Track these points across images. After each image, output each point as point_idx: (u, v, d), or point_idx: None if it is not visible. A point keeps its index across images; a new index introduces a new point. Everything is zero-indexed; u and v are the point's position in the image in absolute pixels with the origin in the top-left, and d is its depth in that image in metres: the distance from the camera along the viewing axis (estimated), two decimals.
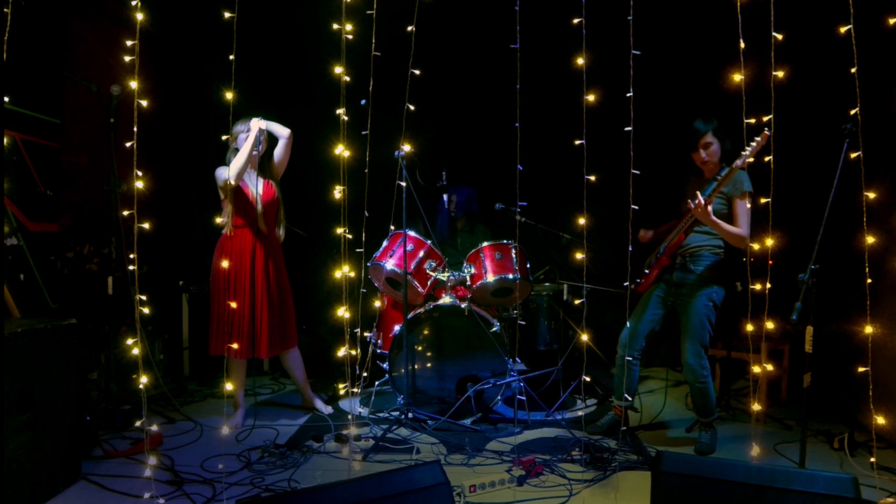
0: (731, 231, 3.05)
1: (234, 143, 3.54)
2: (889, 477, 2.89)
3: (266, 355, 3.59)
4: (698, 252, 3.21)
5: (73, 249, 4.08)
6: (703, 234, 3.22)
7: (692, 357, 3.19)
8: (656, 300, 3.36)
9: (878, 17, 2.84)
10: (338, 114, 2.99)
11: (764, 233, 2.73)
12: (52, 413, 2.65)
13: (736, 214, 3.11)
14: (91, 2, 4.23)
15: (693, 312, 3.18)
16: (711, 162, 3.21)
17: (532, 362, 4.46)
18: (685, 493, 1.96)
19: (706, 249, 3.21)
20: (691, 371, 3.21)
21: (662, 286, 3.35)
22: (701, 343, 3.18)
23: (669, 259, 3.27)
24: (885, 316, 3.24)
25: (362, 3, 2.93)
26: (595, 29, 2.73)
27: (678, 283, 3.25)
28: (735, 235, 3.05)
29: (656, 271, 3.34)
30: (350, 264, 3.17)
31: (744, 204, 3.09)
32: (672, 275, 3.28)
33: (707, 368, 3.20)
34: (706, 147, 3.20)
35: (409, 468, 1.93)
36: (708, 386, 3.22)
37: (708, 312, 3.17)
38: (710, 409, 3.27)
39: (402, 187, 3.44)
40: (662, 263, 3.30)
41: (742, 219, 3.08)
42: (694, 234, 3.22)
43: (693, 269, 3.21)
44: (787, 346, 4.00)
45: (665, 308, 3.35)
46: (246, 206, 3.53)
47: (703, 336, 3.17)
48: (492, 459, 3.10)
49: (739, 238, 3.05)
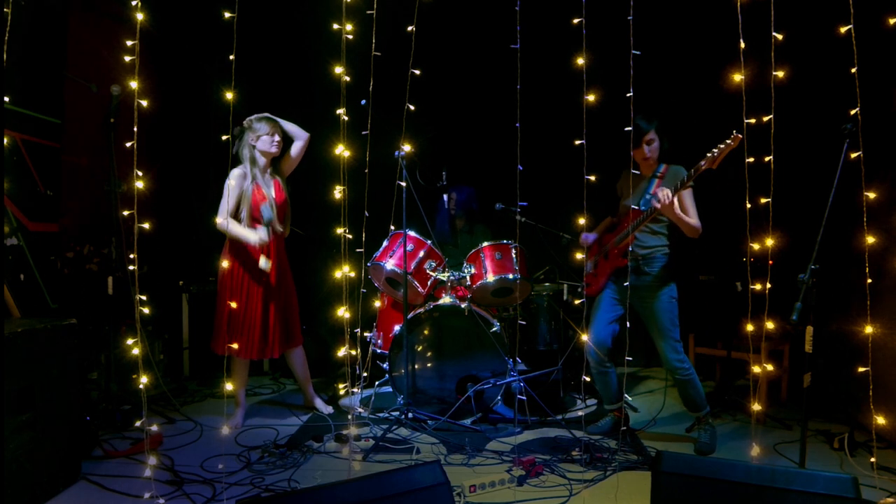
0: (690, 223, 3.14)
1: (256, 140, 3.51)
2: (889, 477, 2.89)
3: (277, 354, 3.60)
4: (651, 255, 3.27)
5: (73, 249, 4.08)
6: (651, 233, 3.28)
7: (669, 353, 3.24)
8: (611, 301, 3.39)
9: (878, 17, 2.84)
10: (338, 114, 2.99)
11: (764, 233, 2.73)
12: (52, 413, 2.65)
13: (685, 206, 3.18)
14: (91, 2, 4.23)
15: (659, 313, 3.23)
16: (652, 158, 3.30)
17: (532, 362, 4.45)
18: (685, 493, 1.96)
19: (658, 251, 3.28)
20: (672, 367, 3.26)
21: (614, 287, 3.39)
22: (673, 338, 3.24)
23: (625, 259, 3.29)
24: (885, 316, 3.24)
25: (362, 3, 2.93)
26: (595, 29, 2.73)
27: (635, 285, 3.25)
28: (693, 227, 3.15)
29: (608, 271, 3.39)
30: (350, 264, 3.17)
31: (688, 195, 3.20)
32: (626, 277, 3.29)
33: (686, 360, 3.26)
34: (649, 143, 3.28)
35: (409, 468, 1.93)
36: (692, 378, 3.25)
37: (672, 308, 3.24)
38: (700, 402, 3.28)
39: (402, 187, 3.44)
40: (616, 264, 3.33)
41: (691, 209, 3.19)
42: (641, 233, 3.27)
43: (649, 272, 3.26)
44: (787, 346, 4.00)
45: (622, 307, 3.36)
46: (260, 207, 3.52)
47: (674, 332, 3.24)
48: (492, 459, 3.10)
49: (696, 229, 3.15)
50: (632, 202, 3.28)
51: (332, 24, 2.94)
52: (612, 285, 3.40)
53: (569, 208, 3.48)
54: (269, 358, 3.64)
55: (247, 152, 3.53)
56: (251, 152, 3.52)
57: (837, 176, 2.52)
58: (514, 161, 2.99)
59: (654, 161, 3.31)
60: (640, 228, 3.25)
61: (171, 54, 4.85)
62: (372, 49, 2.90)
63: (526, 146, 2.96)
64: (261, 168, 3.55)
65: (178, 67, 4.93)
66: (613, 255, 3.34)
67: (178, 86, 4.93)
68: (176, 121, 4.93)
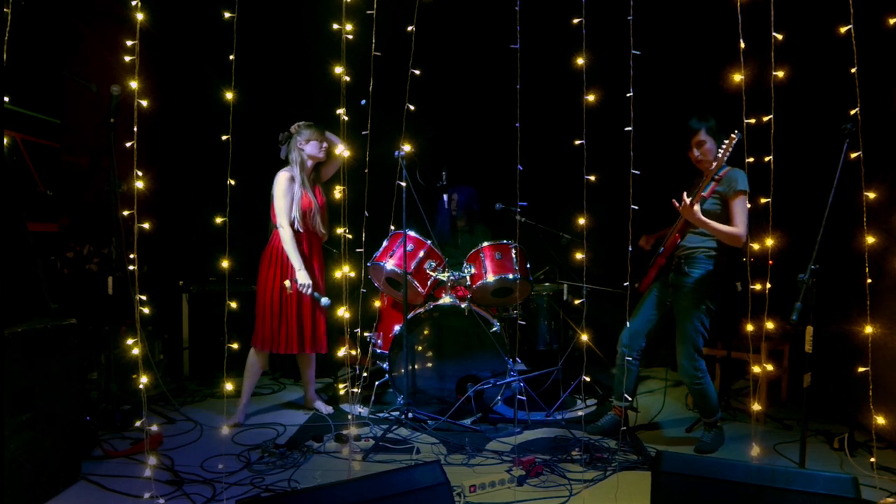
0: (722, 230, 3.04)
1: (306, 143, 3.59)
2: (889, 477, 2.89)
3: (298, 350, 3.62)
4: (693, 254, 3.21)
5: (73, 249, 4.08)
6: (698, 235, 3.22)
7: (686, 359, 3.21)
8: (654, 300, 3.37)
9: (878, 17, 2.84)
10: (338, 114, 2.99)
11: (764, 233, 2.73)
12: (52, 413, 2.65)
13: (732, 213, 3.10)
14: (91, 2, 4.23)
15: (687, 317, 3.19)
16: (706, 160, 3.19)
17: (532, 362, 4.46)
18: (685, 493, 1.96)
19: (700, 252, 3.21)
20: (685, 373, 3.23)
21: (659, 286, 3.37)
22: (694, 347, 3.19)
23: (666, 259, 3.28)
24: (885, 316, 3.24)
25: (362, 3, 2.93)
26: (595, 29, 2.73)
27: (674, 284, 3.26)
28: (727, 234, 3.04)
29: (654, 271, 3.35)
30: (350, 264, 3.17)
31: (739, 202, 3.07)
32: (668, 276, 3.29)
33: (702, 370, 3.22)
34: (699, 146, 3.19)
35: (409, 468, 1.93)
36: (705, 387, 3.23)
37: (701, 316, 3.18)
38: (711, 409, 3.27)
39: (402, 187, 3.45)
40: (659, 264, 3.31)
41: (738, 217, 3.06)
42: (689, 235, 3.23)
43: (688, 272, 3.21)
44: (787, 346, 4.00)
45: (663, 308, 3.36)
46: (306, 211, 3.59)
47: (697, 340, 3.19)
48: (492, 459, 3.10)
49: (732, 237, 3.04)
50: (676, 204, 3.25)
51: (332, 24, 2.94)
52: (657, 284, 3.38)
53: (569, 208, 3.48)
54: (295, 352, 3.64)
55: (296, 155, 3.60)
56: (300, 155, 3.61)
57: (837, 176, 2.52)
58: (514, 161, 2.99)
59: (709, 163, 3.15)
60: (690, 229, 3.19)
61: (171, 54, 4.85)
62: (372, 49, 2.90)
63: (526, 146, 2.96)
64: (307, 172, 3.63)
65: (178, 67, 4.93)
66: (660, 256, 3.32)
67: (178, 86, 4.93)
68: (176, 121, 4.92)
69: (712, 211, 3.11)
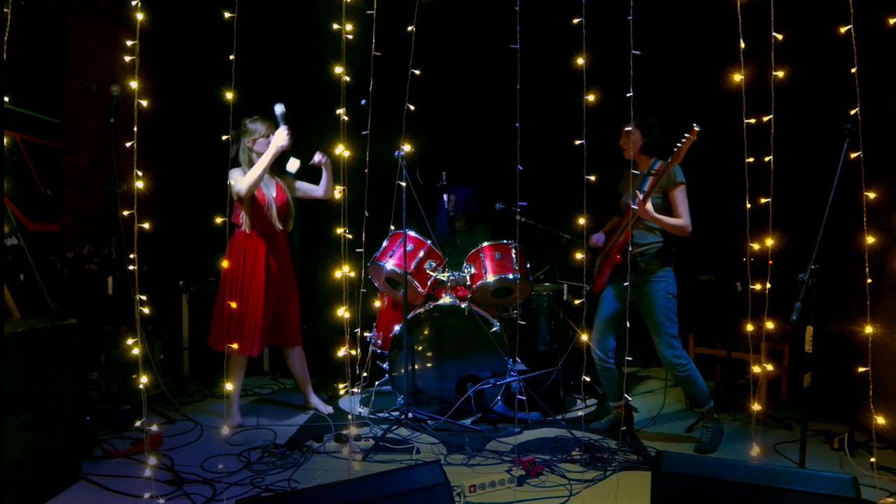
0: (672, 223, 3.15)
1: (253, 144, 3.55)
2: (889, 477, 2.89)
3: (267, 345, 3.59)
4: (647, 251, 3.28)
5: (73, 249, 4.08)
6: (646, 230, 3.29)
7: (665, 348, 3.25)
8: (612, 298, 3.41)
9: (878, 17, 2.83)
10: (338, 114, 2.99)
11: (764, 233, 2.73)
12: (52, 413, 2.65)
13: (674, 204, 3.20)
14: (91, 2, 4.23)
15: (655, 309, 3.24)
16: (631, 151, 3.31)
17: (532, 362, 4.45)
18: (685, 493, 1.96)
19: (654, 247, 3.29)
20: (668, 363, 3.27)
21: (614, 285, 3.40)
22: (669, 335, 3.24)
23: (621, 256, 3.31)
24: (885, 316, 3.24)
25: (362, 3, 2.93)
26: (595, 29, 2.73)
27: (633, 283, 3.25)
28: (676, 226, 3.16)
29: (608, 270, 3.40)
30: (350, 264, 3.17)
31: (679, 193, 3.20)
32: (625, 274, 3.29)
33: (684, 357, 3.26)
34: (627, 135, 3.29)
35: (409, 468, 1.93)
36: (691, 373, 3.26)
37: (668, 304, 3.24)
38: (703, 397, 3.29)
39: (402, 187, 3.45)
40: (614, 262, 3.35)
41: (681, 208, 3.18)
42: (638, 230, 3.28)
43: (646, 268, 3.27)
44: (787, 346, 4.00)
45: (623, 305, 3.35)
46: (261, 207, 3.56)
47: (670, 328, 3.24)
48: (492, 459, 3.10)
49: (680, 228, 3.16)
50: (627, 200, 3.30)
51: (332, 24, 2.94)
52: (612, 283, 3.42)
53: (569, 208, 3.48)
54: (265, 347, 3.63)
55: (244, 156, 3.57)
56: (248, 155, 3.56)
57: (837, 176, 2.52)
58: (514, 161, 2.99)
59: (636, 154, 3.32)
60: (637, 226, 3.26)
61: (171, 54, 4.85)
62: (372, 49, 2.90)
63: (526, 146, 2.96)
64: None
65: (178, 67, 4.93)
66: (611, 254, 3.35)
67: (178, 86, 4.93)
68: (176, 121, 4.92)
69: (656, 204, 3.20)
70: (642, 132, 3.28)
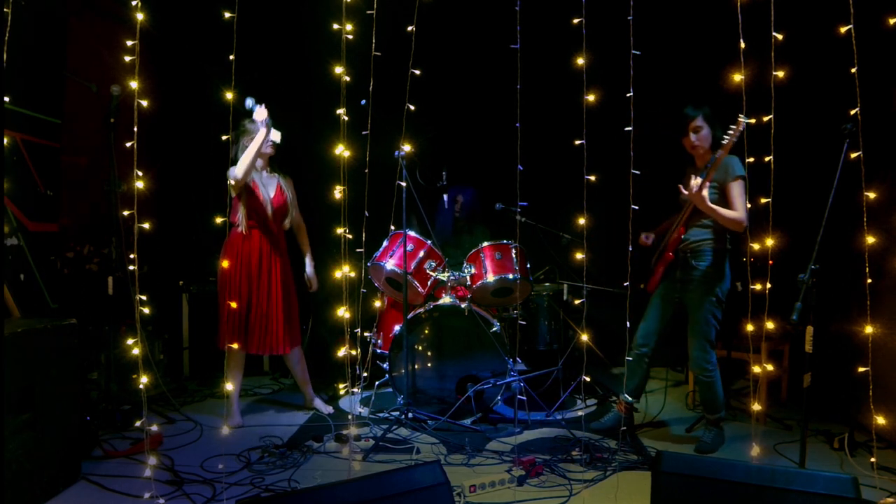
0: (727, 215, 3.06)
1: (250, 142, 3.55)
2: (889, 477, 2.89)
3: (269, 352, 3.62)
4: (699, 248, 3.21)
5: (73, 249, 4.08)
6: (702, 227, 3.22)
7: (697, 351, 3.21)
8: (663, 298, 3.36)
9: (878, 17, 2.83)
10: (338, 114, 2.99)
11: (764, 233, 2.73)
12: (52, 413, 2.65)
13: (730, 198, 3.11)
14: (91, 2, 4.23)
15: (698, 309, 3.19)
16: (701, 147, 3.22)
17: (532, 362, 4.45)
18: (685, 493, 1.96)
19: (706, 244, 3.21)
20: (696, 365, 3.23)
21: (666, 284, 3.35)
22: (706, 338, 3.20)
23: (673, 254, 3.27)
24: (885, 316, 3.24)
25: (362, 3, 2.93)
26: (595, 29, 2.73)
27: (682, 279, 3.24)
28: (731, 220, 3.06)
29: (661, 268, 3.33)
30: (350, 264, 3.17)
31: (737, 186, 3.10)
32: (676, 271, 3.28)
33: (713, 364, 3.22)
34: (696, 131, 3.22)
35: (409, 468, 1.93)
36: (714, 381, 3.23)
37: (713, 308, 3.18)
38: (717, 406, 3.28)
39: (402, 187, 3.44)
40: (666, 259, 3.28)
41: (737, 201, 3.09)
42: (693, 228, 3.23)
43: (696, 265, 3.20)
44: (787, 346, 4.00)
45: (672, 306, 3.34)
46: (257, 206, 3.56)
47: (709, 332, 3.19)
48: (492, 459, 3.10)
49: (736, 222, 3.06)
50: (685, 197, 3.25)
51: (332, 24, 2.94)
52: (665, 282, 3.35)
53: (569, 208, 3.48)
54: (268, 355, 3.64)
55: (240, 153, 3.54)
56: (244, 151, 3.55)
57: (837, 176, 2.51)
58: (514, 161, 2.99)
59: (704, 150, 3.22)
60: (691, 223, 3.20)
61: (171, 54, 4.85)
62: (372, 49, 2.90)
63: (526, 146, 2.96)
64: (258, 169, 3.59)
65: (178, 67, 4.93)
66: (665, 251, 3.30)
67: (178, 86, 4.92)
68: (176, 121, 4.92)
69: (712, 199, 3.12)
70: (710, 124, 3.20)
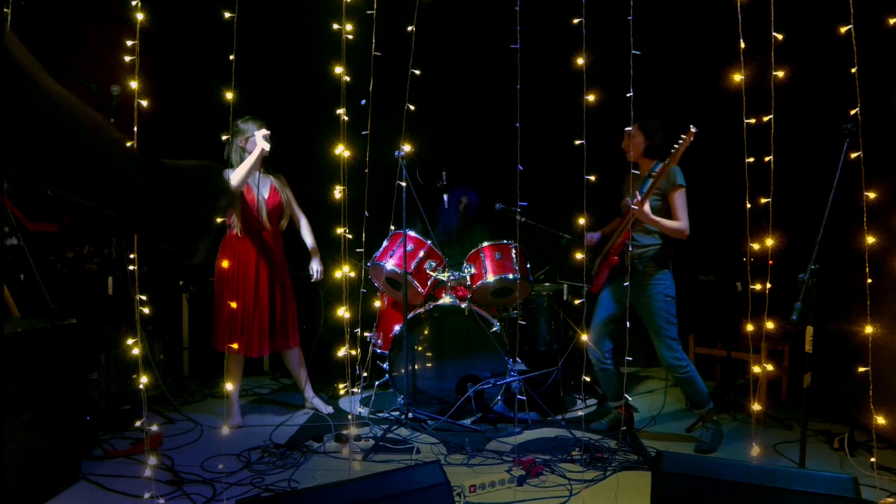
0: (669, 226, 3.14)
1: (244, 143, 3.55)
2: (889, 477, 2.89)
3: (268, 352, 3.62)
4: (646, 253, 3.28)
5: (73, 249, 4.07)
6: (644, 233, 3.29)
7: (665, 350, 3.25)
8: (610, 299, 3.41)
9: (878, 17, 2.84)
10: (338, 114, 2.99)
11: (764, 233, 2.73)
12: (52, 413, 2.65)
13: (673, 207, 3.18)
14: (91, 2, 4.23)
15: (654, 312, 3.24)
16: (634, 154, 3.30)
17: (532, 362, 4.45)
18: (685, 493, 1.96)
19: (652, 249, 3.28)
20: (668, 364, 3.27)
21: (612, 286, 3.40)
22: (669, 337, 3.24)
23: (618, 258, 3.30)
24: (885, 316, 3.24)
25: (362, 3, 2.93)
26: (595, 29, 2.73)
27: (631, 285, 3.25)
28: (674, 229, 3.14)
29: (606, 271, 3.40)
30: (350, 264, 3.17)
31: (679, 196, 3.18)
32: (623, 276, 3.29)
33: (684, 359, 3.26)
34: (631, 137, 3.29)
35: (409, 468, 1.92)
36: (691, 375, 3.26)
37: (667, 307, 3.24)
38: (702, 399, 3.29)
39: (402, 187, 3.44)
40: (612, 263, 3.35)
41: (679, 211, 3.17)
42: (636, 232, 3.28)
43: (644, 270, 3.27)
44: (787, 346, 4.00)
45: (621, 307, 3.34)
46: (250, 208, 3.56)
47: (669, 330, 3.24)
48: (492, 459, 3.10)
49: (679, 231, 3.15)
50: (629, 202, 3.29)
51: (332, 24, 2.94)
52: (610, 285, 3.43)
53: (569, 208, 3.49)
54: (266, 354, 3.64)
55: (236, 157, 3.58)
56: (240, 155, 3.57)
57: (837, 176, 2.51)
58: (514, 161, 2.99)
59: (638, 156, 3.31)
60: (636, 228, 3.26)
61: (171, 54, 4.85)
62: (372, 49, 2.90)
63: (526, 146, 2.96)
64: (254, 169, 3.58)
65: (178, 67, 4.92)
66: (609, 255, 3.36)
67: (178, 86, 4.92)
68: (176, 121, 4.92)
69: (654, 207, 3.20)
70: (645, 134, 3.27)
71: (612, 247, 3.35)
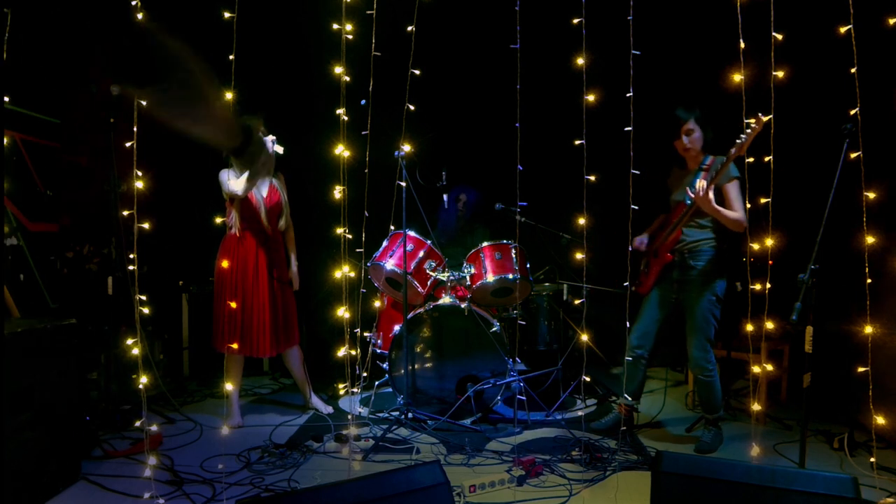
0: (730, 216, 3.07)
1: None
2: (889, 477, 2.89)
3: (269, 354, 3.62)
4: (697, 248, 3.21)
5: (73, 249, 4.08)
6: (697, 227, 3.22)
7: (697, 350, 3.20)
8: (662, 300, 3.35)
9: (878, 17, 2.83)
10: (338, 114, 2.99)
11: (764, 233, 2.73)
12: (52, 413, 2.65)
13: (729, 199, 3.13)
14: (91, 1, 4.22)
15: (697, 308, 3.19)
16: (693, 149, 3.24)
17: (532, 362, 4.45)
18: (685, 493, 1.96)
19: (704, 244, 3.21)
20: (696, 364, 3.23)
21: (665, 285, 3.34)
22: (706, 338, 3.19)
23: (671, 255, 3.26)
24: (885, 316, 3.23)
25: (362, 3, 2.93)
26: (595, 29, 2.73)
27: (680, 280, 3.24)
28: (734, 220, 3.08)
29: (658, 269, 3.33)
30: (350, 264, 3.17)
31: (733, 188, 3.13)
32: (673, 272, 3.27)
33: (713, 363, 3.22)
34: (688, 134, 3.23)
35: (409, 468, 1.92)
36: (713, 381, 3.23)
37: (711, 307, 3.18)
38: (715, 405, 3.28)
39: (402, 187, 3.45)
40: (664, 261, 3.28)
41: (736, 203, 3.11)
42: (688, 228, 3.23)
43: (694, 265, 3.21)
44: (787, 346, 4.00)
45: (668, 306, 3.33)
46: (250, 209, 3.55)
47: (708, 331, 3.19)
48: (492, 459, 3.10)
49: (737, 222, 3.08)
50: (678, 197, 3.25)
51: (332, 24, 2.94)
52: (660, 285, 3.34)
53: (569, 208, 3.48)
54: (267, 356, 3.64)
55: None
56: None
57: (837, 176, 2.51)
58: (514, 161, 2.99)
59: (696, 152, 3.24)
60: (687, 223, 3.20)
61: None
62: (372, 49, 2.90)
63: (526, 146, 2.96)
64: None
65: None
66: (661, 252, 3.30)
67: None
68: None
69: None
70: (702, 128, 3.22)
71: (663, 243, 3.27)
